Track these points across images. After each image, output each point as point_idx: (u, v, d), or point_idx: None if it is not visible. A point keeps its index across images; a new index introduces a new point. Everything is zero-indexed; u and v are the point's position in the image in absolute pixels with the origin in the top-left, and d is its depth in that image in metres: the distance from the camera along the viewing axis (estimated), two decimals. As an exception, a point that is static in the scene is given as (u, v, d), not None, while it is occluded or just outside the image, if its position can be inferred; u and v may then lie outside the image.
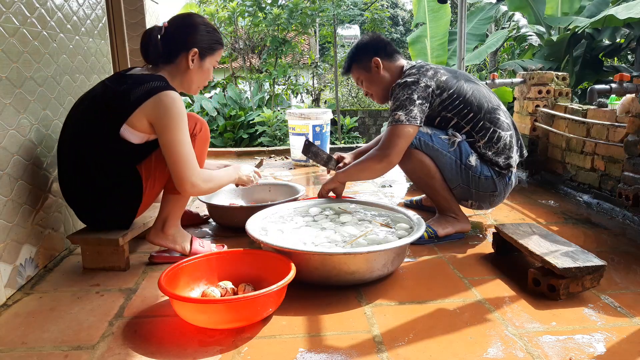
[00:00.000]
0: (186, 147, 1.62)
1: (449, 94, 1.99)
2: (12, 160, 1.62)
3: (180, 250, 1.86)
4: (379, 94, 2.18)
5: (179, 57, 1.70)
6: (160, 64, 1.71)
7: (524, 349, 1.26)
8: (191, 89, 1.79)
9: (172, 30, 1.70)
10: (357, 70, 2.17)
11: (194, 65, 1.71)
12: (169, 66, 1.71)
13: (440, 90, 1.99)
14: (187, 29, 1.70)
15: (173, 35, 1.69)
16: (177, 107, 1.60)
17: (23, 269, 1.66)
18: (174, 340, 1.33)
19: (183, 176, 1.62)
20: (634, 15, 4.49)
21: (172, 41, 1.69)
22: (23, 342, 1.33)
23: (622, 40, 6.01)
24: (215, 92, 7.23)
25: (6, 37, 1.59)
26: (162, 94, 1.59)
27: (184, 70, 1.72)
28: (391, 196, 2.92)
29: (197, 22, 1.72)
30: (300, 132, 3.88)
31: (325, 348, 1.28)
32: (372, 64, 2.12)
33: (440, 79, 2.01)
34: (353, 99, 11.09)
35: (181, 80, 1.74)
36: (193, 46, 1.69)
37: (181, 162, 1.61)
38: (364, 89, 2.22)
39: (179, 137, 1.60)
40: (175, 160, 1.61)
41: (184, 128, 1.62)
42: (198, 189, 1.67)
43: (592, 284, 1.50)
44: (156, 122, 1.60)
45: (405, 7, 21.39)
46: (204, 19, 1.77)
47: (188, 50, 1.69)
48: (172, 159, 1.61)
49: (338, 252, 1.54)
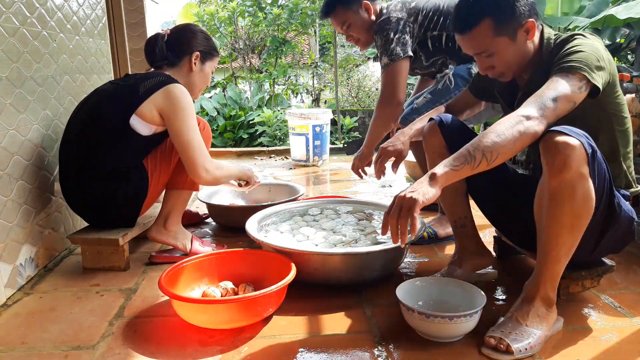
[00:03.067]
0: (197, 135, 1.71)
1: (423, 15, 2.04)
2: (12, 160, 1.62)
3: (181, 248, 1.86)
4: (366, 39, 2.15)
5: (183, 60, 1.81)
6: (165, 67, 1.80)
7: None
8: (194, 92, 1.87)
9: (175, 36, 1.82)
10: (343, 12, 2.09)
11: (197, 67, 1.82)
12: (173, 69, 1.81)
13: (414, 17, 2.03)
14: (188, 35, 1.82)
15: (176, 40, 1.81)
16: (187, 98, 1.70)
17: (23, 269, 1.66)
18: (174, 340, 1.33)
19: (196, 162, 1.70)
20: (634, 15, 4.49)
21: (175, 46, 1.80)
22: (23, 342, 1.33)
23: (622, 40, 6.01)
24: (215, 92, 7.23)
25: (6, 37, 1.59)
26: (171, 86, 1.68)
27: (187, 73, 1.82)
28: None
29: (196, 30, 1.86)
30: (300, 132, 3.88)
31: (325, 348, 1.28)
32: (363, 7, 2.07)
33: (409, 6, 2.05)
34: (353, 99, 11.08)
35: (184, 83, 1.81)
36: (195, 50, 1.81)
37: (193, 148, 1.69)
38: (348, 33, 2.12)
39: (189, 124, 1.69)
40: (188, 147, 1.69)
41: (193, 117, 1.72)
42: (212, 175, 1.74)
43: (592, 284, 1.50)
44: (166, 112, 1.67)
45: (405, 7, 21.38)
46: (200, 27, 1.91)
47: (191, 53, 1.80)
48: (184, 146, 1.69)
49: (338, 252, 1.54)
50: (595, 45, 1.28)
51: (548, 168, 1.17)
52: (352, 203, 2.13)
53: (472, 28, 1.34)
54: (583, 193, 1.17)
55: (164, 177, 1.81)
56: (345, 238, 1.76)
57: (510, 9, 1.33)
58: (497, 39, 1.34)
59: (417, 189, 1.17)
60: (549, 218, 1.21)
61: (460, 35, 1.39)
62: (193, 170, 1.71)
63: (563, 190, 1.16)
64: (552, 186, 1.18)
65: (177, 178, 1.83)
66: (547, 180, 1.18)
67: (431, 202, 1.17)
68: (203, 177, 1.73)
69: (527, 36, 1.37)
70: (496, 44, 1.35)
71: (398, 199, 1.19)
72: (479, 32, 1.34)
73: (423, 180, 1.19)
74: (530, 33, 1.36)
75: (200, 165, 1.70)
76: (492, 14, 1.32)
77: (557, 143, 1.14)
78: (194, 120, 1.71)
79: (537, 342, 1.22)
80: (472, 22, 1.34)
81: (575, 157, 1.13)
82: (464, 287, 1.39)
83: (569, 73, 1.22)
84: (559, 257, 1.24)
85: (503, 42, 1.35)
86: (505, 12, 1.33)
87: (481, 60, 1.40)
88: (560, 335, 1.32)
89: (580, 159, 1.14)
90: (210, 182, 1.80)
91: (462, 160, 1.17)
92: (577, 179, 1.15)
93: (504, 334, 1.22)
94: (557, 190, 1.17)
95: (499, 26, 1.33)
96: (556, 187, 1.17)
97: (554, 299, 1.29)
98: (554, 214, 1.20)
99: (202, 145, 1.72)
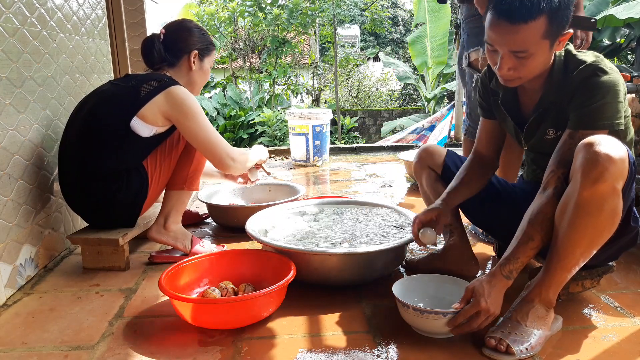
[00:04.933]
0: (211, 129, 1.72)
1: None
2: (12, 160, 1.62)
3: (181, 248, 1.86)
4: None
5: (181, 60, 1.79)
6: (164, 68, 1.79)
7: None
8: (194, 90, 1.87)
9: (171, 36, 1.79)
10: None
11: (196, 66, 1.81)
12: (172, 69, 1.80)
13: None
14: (184, 33, 1.80)
15: (172, 40, 1.79)
16: (190, 97, 1.70)
17: (23, 269, 1.66)
18: (174, 340, 1.33)
19: (221, 154, 1.72)
20: (634, 15, 4.49)
21: (172, 45, 1.78)
22: (23, 342, 1.33)
23: (622, 40, 6.01)
24: (215, 92, 7.23)
25: (6, 37, 1.59)
26: (172, 88, 1.67)
27: (186, 72, 1.81)
28: (391, 196, 2.92)
29: (191, 26, 1.83)
30: (300, 132, 3.88)
31: (325, 348, 1.28)
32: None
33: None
34: (353, 99, 11.09)
35: (185, 82, 1.81)
36: (193, 48, 1.79)
37: (213, 142, 1.71)
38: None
39: (201, 122, 1.70)
40: (207, 144, 1.70)
41: (202, 114, 1.72)
42: (239, 162, 1.78)
43: (592, 284, 1.50)
44: (175, 117, 1.67)
45: (405, 7, 21.40)
46: (195, 22, 1.88)
47: (189, 52, 1.79)
48: (203, 143, 1.70)
49: (338, 252, 1.54)
50: (617, 88, 1.23)
51: (583, 178, 1.13)
52: (352, 203, 2.12)
53: (528, 21, 1.16)
54: (612, 209, 1.14)
55: (164, 178, 1.81)
56: (346, 238, 1.76)
57: (564, 12, 1.20)
58: (542, 41, 1.20)
59: (498, 300, 1.24)
60: (571, 226, 1.17)
61: (508, 23, 1.18)
62: (220, 163, 1.73)
63: (592, 203, 1.13)
64: (582, 196, 1.13)
65: (176, 178, 1.83)
66: (579, 189, 1.14)
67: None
68: (232, 167, 1.75)
69: (558, 46, 1.26)
70: (538, 47, 1.21)
71: (482, 310, 1.21)
72: (532, 28, 1.17)
73: (501, 283, 1.25)
74: (561, 44, 1.26)
75: (226, 157, 1.72)
76: (549, 13, 1.17)
77: (598, 154, 1.10)
78: (204, 117, 1.72)
79: (538, 342, 1.22)
80: (531, 14, 1.16)
81: (613, 171, 1.10)
82: (460, 284, 1.39)
83: (596, 130, 1.22)
84: (570, 267, 1.22)
85: (544, 47, 1.22)
86: (560, 16, 1.19)
87: (507, 59, 1.24)
88: (560, 335, 1.32)
89: (618, 174, 1.11)
90: (240, 169, 1.84)
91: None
92: (609, 194, 1.12)
93: (504, 335, 1.22)
94: (587, 201, 1.13)
95: (550, 28, 1.19)
96: (587, 198, 1.13)
97: (554, 302, 1.28)
98: (577, 224, 1.16)
99: (220, 138, 1.73)
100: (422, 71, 8.75)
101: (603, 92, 1.22)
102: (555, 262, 1.23)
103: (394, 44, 20.12)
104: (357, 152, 4.58)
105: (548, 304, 1.27)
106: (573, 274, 1.25)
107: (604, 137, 1.14)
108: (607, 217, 1.15)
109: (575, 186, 1.16)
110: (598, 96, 1.23)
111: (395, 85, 13.81)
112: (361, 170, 3.73)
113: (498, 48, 1.24)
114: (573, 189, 1.17)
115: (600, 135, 1.15)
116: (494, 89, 1.49)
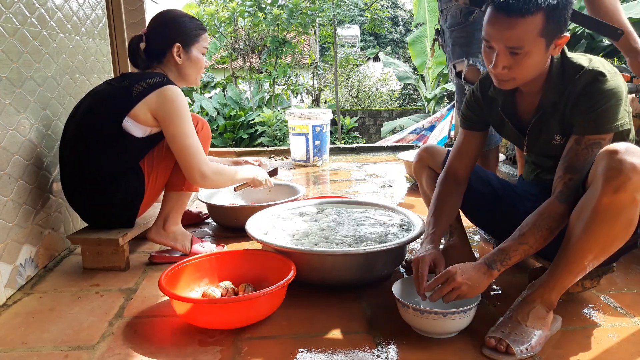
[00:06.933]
0: (193, 138, 1.68)
1: None
2: (12, 160, 1.62)
3: (181, 249, 1.86)
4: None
5: (166, 55, 1.75)
6: (155, 66, 1.77)
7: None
8: (189, 82, 1.83)
9: (152, 34, 1.76)
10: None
11: (182, 59, 1.76)
12: (161, 66, 1.78)
13: None
14: (164, 28, 1.75)
15: (153, 38, 1.75)
16: (181, 100, 1.66)
17: (23, 269, 1.66)
18: (174, 340, 1.33)
19: (192, 166, 1.67)
20: (634, 15, 4.48)
21: (154, 44, 1.75)
22: (23, 342, 1.33)
23: (622, 40, 6.01)
24: (215, 92, 7.24)
25: (6, 37, 1.59)
26: (165, 88, 1.64)
27: (175, 66, 1.77)
28: (391, 196, 2.92)
29: (173, 16, 1.76)
30: (300, 132, 3.88)
31: (325, 348, 1.28)
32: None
33: None
34: (353, 99, 11.09)
35: (177, 76, 1.79)
36: (174, 42, 1.73)
37: (189, 152, 1.67)
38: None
39: (184, 128, 1.66)
40: (183, 151, 1.67)
41: (189, 120, 1.68)
42: (209, 180, 1.71)
43: (592, 284, 1.50)
44: (161, 115, 1.65)
45: (405, 7, 21.41)
46: (179, 10, 1.81)
47: (171, 46, 1.73)
48: (179, 150, 1.67)
49: (338, 252, 1.54)
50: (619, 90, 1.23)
51: (604, 185, 1.11)
52: (352, 203, 2.12)
53: (525, 15, 1.15)
54: (629, 219, 1.13)
55: (161, 179, 1.79)
56: (346, 238, 1.76)
57: (562, 12, 1.18)
58: (538, 39, 1.19)
59: (474, 281, 1.23)
60: (585, 232, 1.16)
61: (505, 17, 1.17)
62: (189, 174, 1.70)
63: (610, 211, 1.12)
64: (601, 202, 1.12)
65: (175, 179, 1.82)
66: (599, 196, 1.12)
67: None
68: (199, 182, 1.71)
69: (554, 50, 1.24)
70: (534, 45, 1.19)
71: (454, 281, 1.23)
72: (528, 23, 1.16)
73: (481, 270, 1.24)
74: (557, 49, 1.24)
75: (196, 169, 1.68)
76: (546, 10, 1.16)
77: (622, 163, 1.08)
78: (189, 124, 1.68)
79: (538, 342, 1.22)
80: (528, 9, 1.15)
81: (636, 181, 1.08)
82: None
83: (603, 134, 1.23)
84: (578, 271, 1.22)
85: (540, 46, 1.20)
86: (558, 15, 1.18)
87: (503, 57, 1.22)
88: (560, 335, 1.32)
89: (639, 185, 1.09)
90: (208, 187, 1.79)
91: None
92: (628, 203, 1.11)
93: (504, 335, 1.22)
94: (606, 209, 1.12)
95: (546, 26, 1.17)
96: (606, 205, 1.11)
97: (556, 304, 1.28)
98: (592, 230, 1.15)
99: (199, 150, 1.69)
100: (422, 71, 8.76)
101: (607, 97, 1.22)
102: (564, 265, 1.22)
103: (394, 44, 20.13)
104: (357, 152, 4.58)
105: (549, 305, 1.27)
106: (578, 278, 1.24)
107: (629, 145, 1.13)
108: (623, 226, 1.14)
109: (594, 192, 1.14)
110: (602, 101, 1.22)
111: (395, 85, 13.82)
112: (361, 171, 3.73)
113: (494, 44, 1.22)
114: (592, 195, 1.15)
115: (624, 143, 1.13)
116: (492, 96, 1.46)
